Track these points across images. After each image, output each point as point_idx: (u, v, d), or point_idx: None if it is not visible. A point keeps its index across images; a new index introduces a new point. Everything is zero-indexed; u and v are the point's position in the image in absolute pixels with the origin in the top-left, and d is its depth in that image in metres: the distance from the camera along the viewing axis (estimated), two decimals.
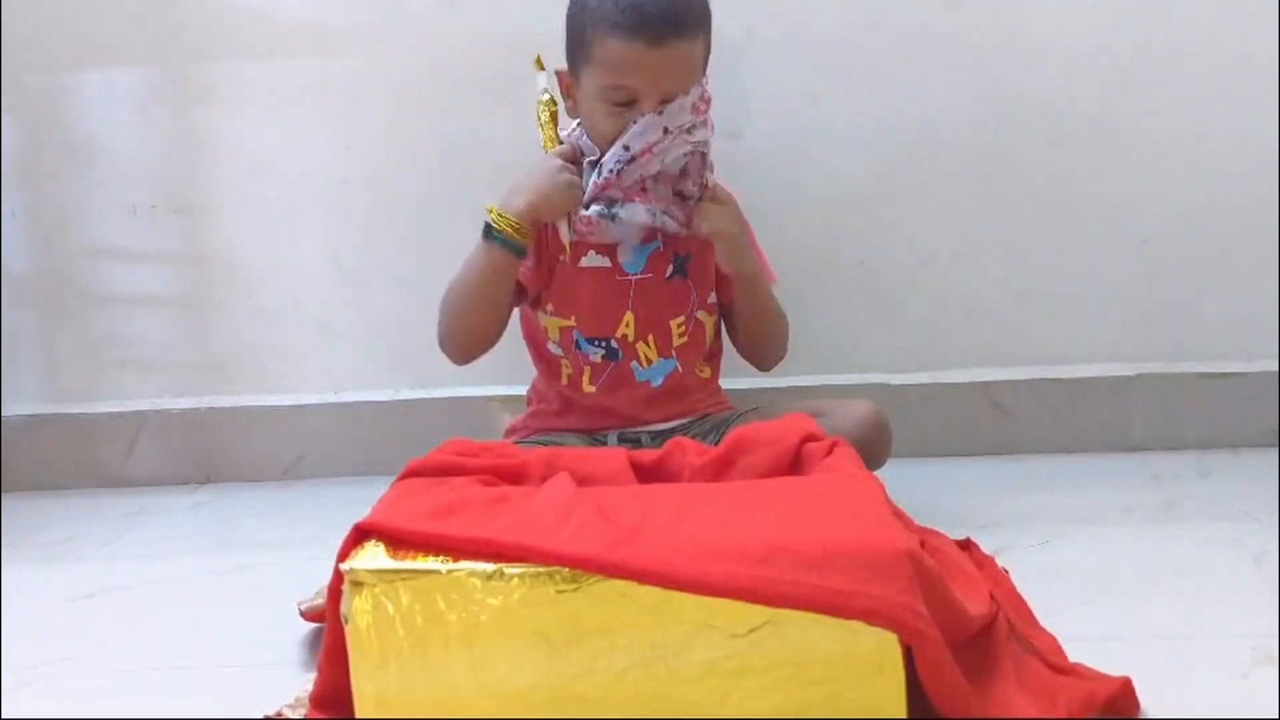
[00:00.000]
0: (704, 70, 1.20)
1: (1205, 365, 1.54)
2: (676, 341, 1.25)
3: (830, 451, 0.98)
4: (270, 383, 1.60)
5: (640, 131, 1.13)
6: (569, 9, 1.19)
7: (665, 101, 1.14)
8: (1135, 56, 1.49)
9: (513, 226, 1.15)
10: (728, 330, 1.32)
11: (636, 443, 1.24)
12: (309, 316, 1.59)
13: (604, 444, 1.25)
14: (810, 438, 1.00)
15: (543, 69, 1.23)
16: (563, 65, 1.21)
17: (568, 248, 1.17)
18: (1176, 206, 1.52)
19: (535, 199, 1.15)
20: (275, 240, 1.57)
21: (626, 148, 1.14)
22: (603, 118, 1.16)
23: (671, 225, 1.18)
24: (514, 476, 0.94)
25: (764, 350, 1.30)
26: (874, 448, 1.16)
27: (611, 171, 1.15)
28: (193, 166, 1.56)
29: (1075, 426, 1.55)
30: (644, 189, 1.17)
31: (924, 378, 1.56)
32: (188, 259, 1.59)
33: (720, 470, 0.98)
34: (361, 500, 1.42)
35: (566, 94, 1.23)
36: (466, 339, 1.25)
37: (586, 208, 1.17)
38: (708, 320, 1.26)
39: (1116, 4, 1.48)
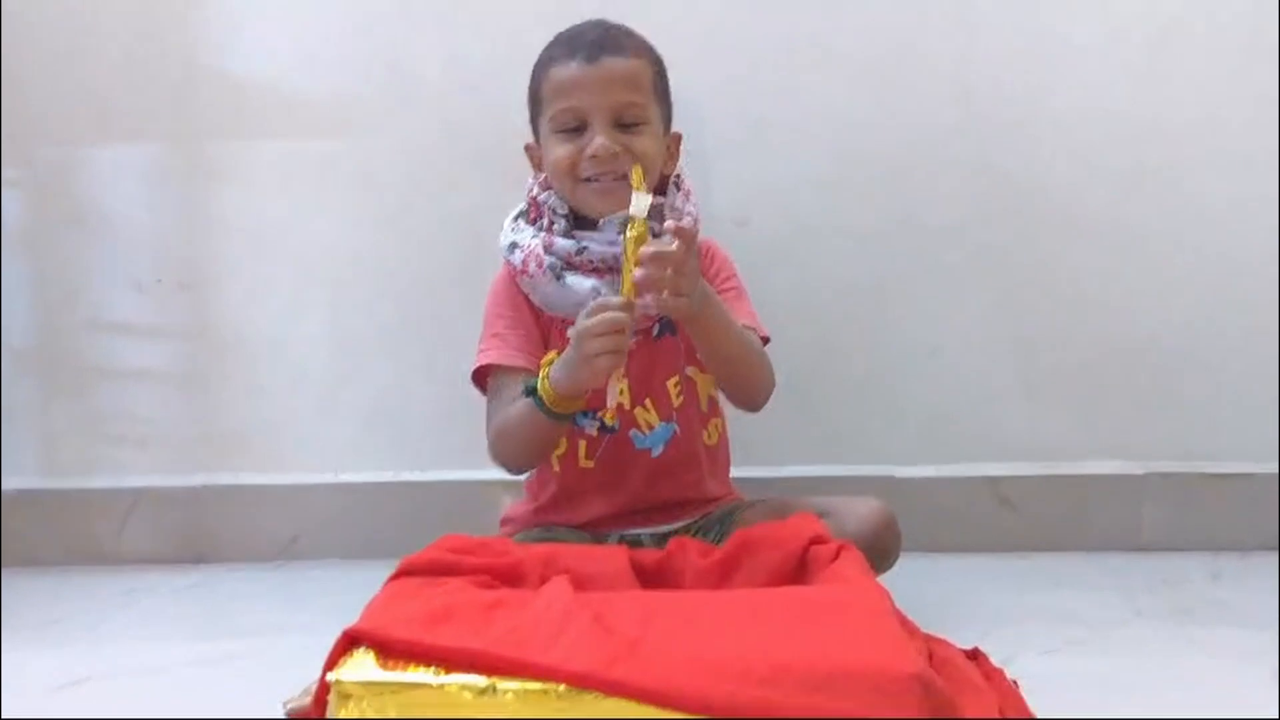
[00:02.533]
0: (665, 127, 1.21)
1: (1216, 465, 1.52)
2: (675, 402, 1.22)
3: (837, 556, 0.96)
4: (268, 461, 1.58)
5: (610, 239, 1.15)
6: (529, 83, 1.22)
7: (617, 119, 1.15)
8: (1146, 154, 1.49)
9: (553, 399, 1.10)
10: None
11: (637, 543, 1.21)
12: (311, 394, 1.57)
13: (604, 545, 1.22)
14: (817, 540, 0.97)
15: (641, 187, 1.08)
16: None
17: (611, 412, 1.07)
18: (1187, 304, 1.51)
19: (576, 375, 1.07)
20: (280, 316, 1.57)
21: (617, 258, 1.13)
22: (556, 145, 1.17)
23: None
24: (511, 577, 0.92)
25: (742, 390, 1.20)
26: (882, 548, 1.13)
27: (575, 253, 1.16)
28: (200, 241, 1.56)
29: (1083, 525, 1.52)
30: (596, 269, 1.17)
31: (930, 471, 1.54)
32: (191, 334, 1.58)
33: (725, 573, 0.96)
34: (357, 585, 1.40)
35: (537, 167, 1.24)
36: (521, 466, 1.24)
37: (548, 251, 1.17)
38: (699, 377, 1.23)
39: (1127, 102, 1.48)
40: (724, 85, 1.49)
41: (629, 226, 1.05)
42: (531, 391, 1.11)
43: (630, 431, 1.21)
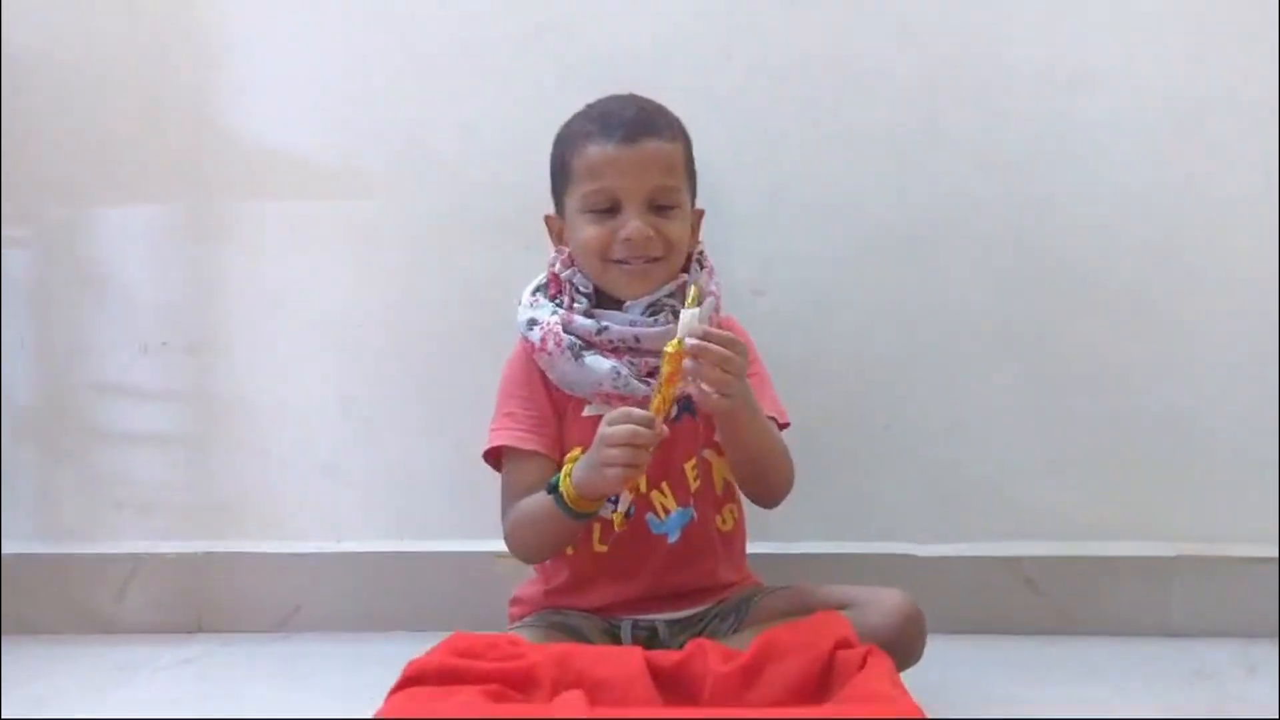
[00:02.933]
0: (691, 201, 1.19)
1: (1248, 549, 1.47)
2: (692, 486, 1.19)
3: (864, 663, 0.91)
4: (271, 528, 1.54)
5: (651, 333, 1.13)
6: (551, 152, 1.20)
7: (651, 202, 1.12)
8: (1172, 231, 1.46)
9: (573, 498, 1.07)
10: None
11: (652, 632, 1.18)
12: (315, 460, 1.54)
13: (617, 631, 1.18)
14: (843, 644, 0.93)
15: (699, 303, 1.06)
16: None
17: (619, 517, 1.08)
18: (1216, 381, 1.47)
19: (592, 479, 1.06)
20: (285, 381, 1.53)
21: (638, 339, 1.12)
22: (586, 225, 1.14)
23: (640, 390, 1.13)
24: (523, 684, 0.88)
25: (758, 483, 1.18)
26: (907, 645, 1.09)
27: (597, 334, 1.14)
28: (207, 304, 1.54)
29: (1110, 608, 1.48)
30: (616, 350, 1.15)
31: (950, 550, 1.50)
32: (195, 398, 1.55)
33: (747, 680, 0.92)
34: (358, 660, 1.37)
35: (557, 238, 1.21)
36: (538, 559, 1.22)
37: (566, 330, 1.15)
38: (715, 459, 1.20)
39: (1153, 179, 1.46)
40: (744, 154, 1.47)
41: (669, 343, 1.03)
42: (553, 489, 1.09)
43: (646, 516, 1.18)
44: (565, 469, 1.09)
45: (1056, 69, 1.45)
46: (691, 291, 1.07)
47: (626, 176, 1.13)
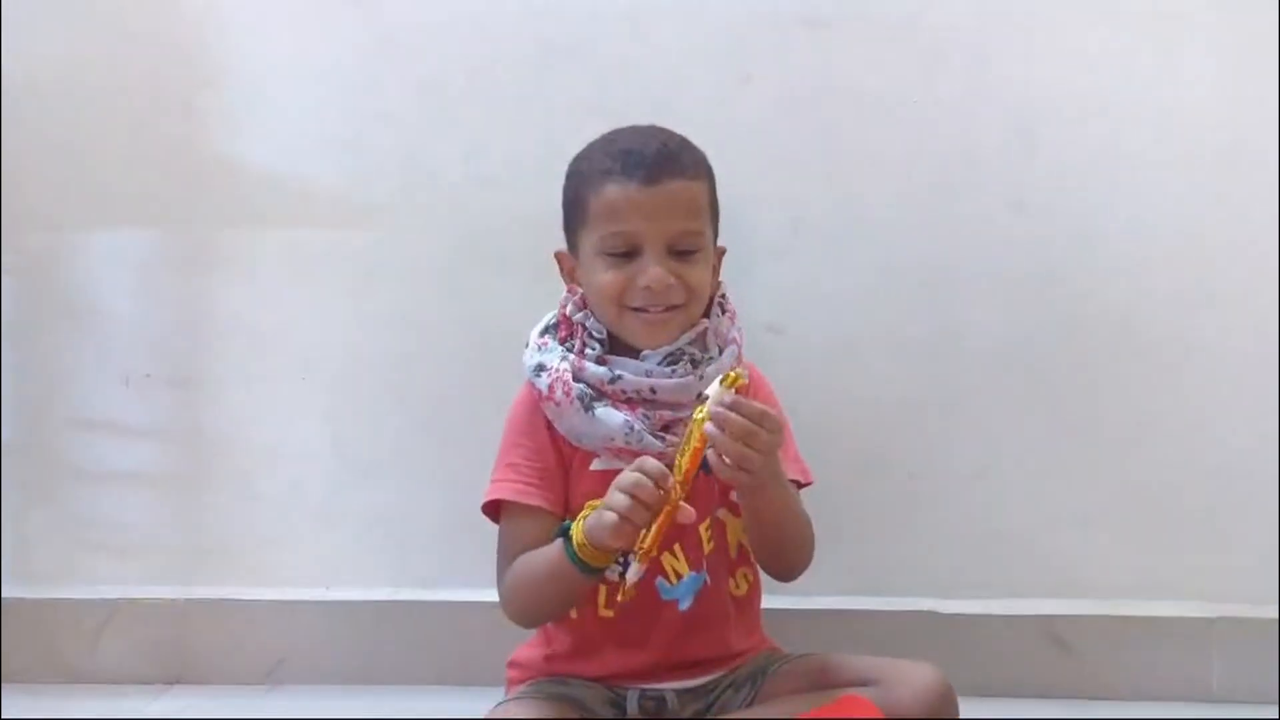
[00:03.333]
0: (713, 240, 1.12)
1: None
2: (705, 548, 1.11)
3: None
4: (257, 574, 1.46)
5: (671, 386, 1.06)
6: (564, 183, 1.13)
7: (672, 247, 1.05)
8: (1213, 275, 1.39)
9: (581, 544, 0.99)
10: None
11: (660, 702, 1.09)
12: (305, 504, 1.46)
13: (623, 702, 1.10)
14: None
15: (738, 385, 0.98)
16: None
17: (630, 588, 0.99)
18: (1260, 432, 1.39)
19: (595, 524, 0.98)
20: (276, 420, 1.46)
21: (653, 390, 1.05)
22: (603, 270, 1.07)
23: (654, 445, 1.05)
24: None
25: (778, 561, 1.12)
26: None
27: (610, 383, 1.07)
28: (194, 336, 1.46)
29: (1145, 671, 1.39)
30: (630, 401, 1.07)
31: (977, 606, 1.42)
32: (180, 435, 1.47)
33: None
34: (348, 716, 1.28)
35: (569, 277, 1.14)
36: (535, 621, 1.13)
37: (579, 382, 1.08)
38: (730, 520, 1.12)
39: (1193, 221, 1.38)
40: (762, 184, 1.40)
41: (697, 408, 0.96)
42: (563, 533, 1.01)
43: (656, 580, 1.09)
44: (583, 512, 1.01)
45: (1093, 101, 1.38)
46: (729, 376, 0.98)
47: (648, 220, 1.05)
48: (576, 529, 1.00)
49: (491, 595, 1.39)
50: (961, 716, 1.05)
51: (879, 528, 1.43)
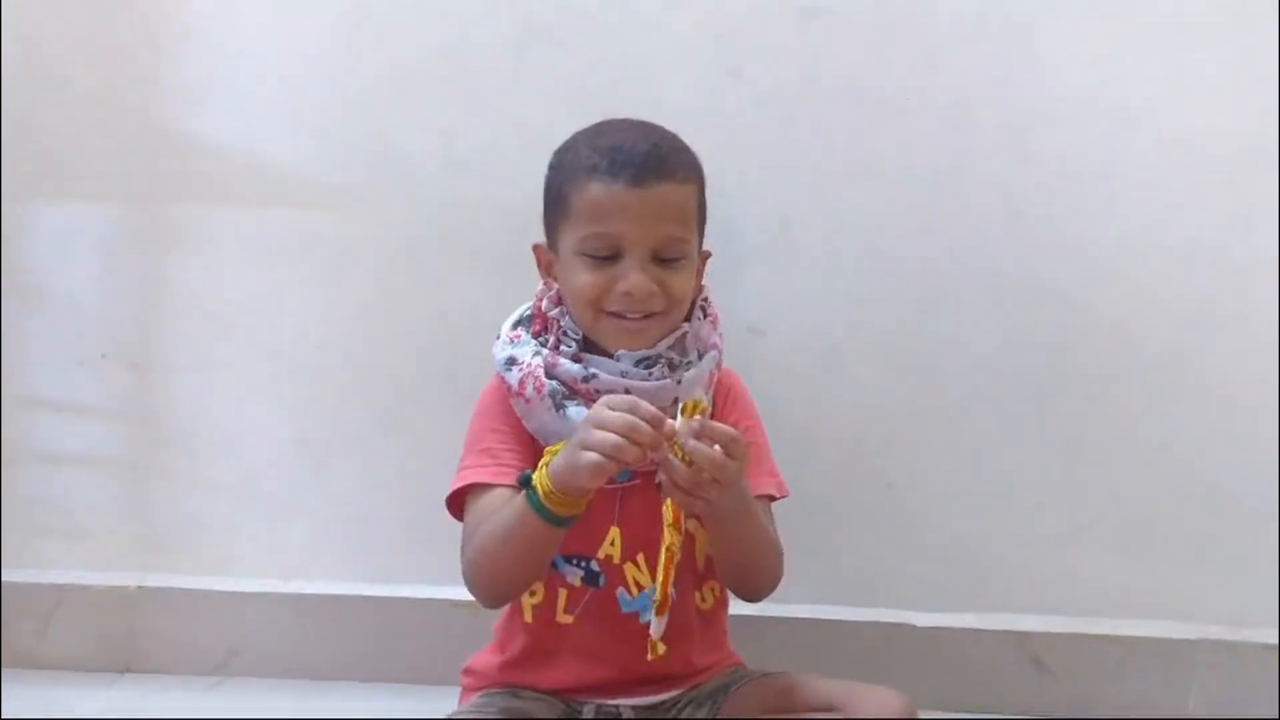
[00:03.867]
0: (699, 248, 1.07)
1: (1271, 635, 1.36)
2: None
3: None
4: (211, 564, 1.42)
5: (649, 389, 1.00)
6: (546, 174, 1.07)
7: (656, 254, 1.00)
8: (1211, 289, 1.35)
9: (548, 491, 0.92)
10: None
11: (616, 718, 1.05)
12: (263, 494, 1.42)
13: (578, 716, 1.06)
14: None
15: (687, 413, 0.92)
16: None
17: (654, 641, 0.94)
18: (1249, 455, 1.36)
19: (568, 463, 0.91)
20: (236, 407, 1.41)
21: (628, 392, 0.99)
22: (582, 270, 1.01)
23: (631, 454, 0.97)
24: None
25: (743, 583, 1.07)
26: None
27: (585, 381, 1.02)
28: (152, 318, 1.41)
29: (1122, 693, 1.37)
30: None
31: (953, 620, 1.39)
32: (136, 419, 1.42)
33: None
34: (299, 711, 1.25)
35: (545, 270, 1.09)
36: (500, 589, 1.04)
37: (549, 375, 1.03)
38: (697, 531, 1.07)
39: (1192, 232, 1.34)
40: (749, 182, 1.35)
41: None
42: (526, 481, 0.94)
43: (617, 590, 1.05)
44: (544, 459, 0.94)
45: (1095, 106, 1.33)
46: (687, 405, 0.92)
47: (632, 224, 1.00)
48: (540, 476, 0.92)
49: (450, 592, 1.38)
50: None
51: (854, 537, 1.40)
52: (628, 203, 0.99)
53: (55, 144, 1.38)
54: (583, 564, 1.05)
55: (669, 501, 0.92)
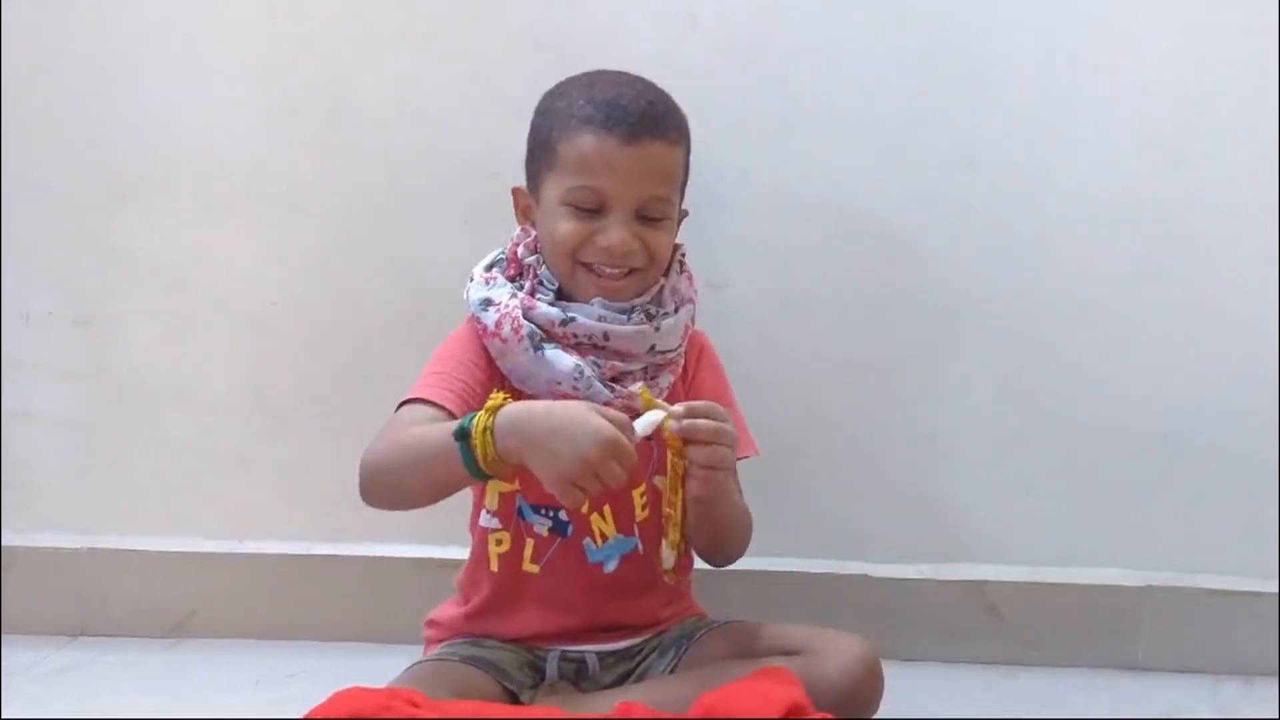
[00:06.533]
0: (679, 207, 1.07)
1: (1219, 581, 1.39)
2: (639, 515, 1.07)
3: None
4: (166, 524, 1.39)
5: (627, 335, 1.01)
6: (534, 117, 1.06)
7: (640, 211, 1.01)
8: (1162, 240, 1.35)
9: (492, 460, 0.88)
10: None
11: (581, 665, 1.05)
12: (219, 452, 1.39)
13: (542, 664, 1.06)
14: (794, 710, 0.81)
15: (652, 405, 0.94)
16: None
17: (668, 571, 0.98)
18: (1192, 403, 1.38)
19: (541, 460, 0.87)
20: (189, 362, 1.38)
21: (606, 337, 1.00)
22: (564, 219, 1.01)
23: (602, 394, 0.99)
24: None
25: (719, 552, 1.09)
26: (865, 698, 0.98)
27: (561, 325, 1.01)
28: (100, 271, 1.37)
29: (1075, 639, 1.39)
30: (580, 345, 1.02)
31: (911, 571, 1.40)
32: (85, 375, 1.39)
33: None
34: (258, 671, 1.23)
35: (523, 215, 1.08)
36: (392, 502, 1.01)
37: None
38: (665, 485, 1.07)
39: (1144, 184, 1.34)
40: (708, 133, 1.30)
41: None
42: (463, 435, 0.89)
43: (584, 540, 1.05)
44: (485, 414, 0.88)
45: (1051, 57, 1.33)
46: (644, 394, 0.94)
47: (621, 181, 1.00)
48: (484, 440, 0.88)
49: (412, 551, 1.38)
50: (889, 684, 1.03)
51: (813, 489, 1.40)
52: (619, 159, 0.99)
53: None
54: (550, 514, 1.05)
55: (671, 467, 0.94)
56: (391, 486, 0.97)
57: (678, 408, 0.92)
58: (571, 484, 0.85)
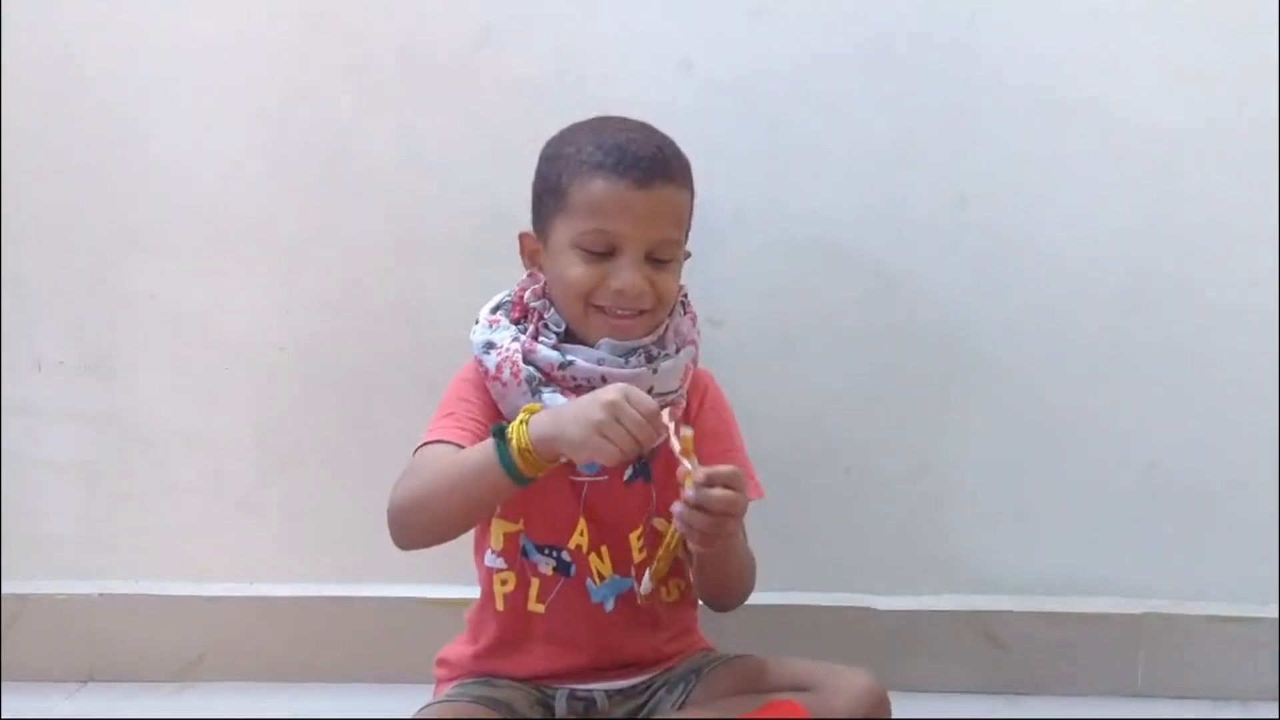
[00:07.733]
0: (684, 245, 1.10)
1: (1217, 607, 1.41)
2: (636, 557, 1.08)
3: None
4: (174, 568, 1.41)
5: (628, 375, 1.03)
6: (539, 164, 1.09)
7: (650, 254, 1.03)
8: (1149, 272, 1.38)
9: (526, 451, 0.93)
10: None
11: (590, 703, 1.07)
12: (226, 495, 1.41)
13: (551, 702, 1.07)
14: None
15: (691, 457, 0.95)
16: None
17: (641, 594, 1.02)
18: (1189, 430, 1.40)
19: (567, 435, 0.91)
20: (197, 407, 1.40)
21: (604, 380, 1.01)
22: (575, 263, 1.03)
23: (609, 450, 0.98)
24: None
25: (722, 599, 1.11)
26: None
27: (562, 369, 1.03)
28: (110, 318, 1.39)
29: (1074, 667, 1.41)
30: (579, 388, 1.03)
31: (911, 603, 1.42)
32: (95, 422, 1.40)
33: None
34: (265, 713, 1.24)
35: (529, 259, 1.10)
36: (429, 534, 1.03)
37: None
38: (666, 529, 1.08)
39: (1130, 218, 1.37)
40: (703, 173, 1.34)
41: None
42: (500, 432, 0.93)
43: (585, 580, 1.07)
44: (521, 417, 0.94)
45: (1036, 97, 1.36)
46: (687, 439, 0.94)
47: (632, 224, 1.02)
48: (519, 433, 0.92)
49: (420, 590, 1.39)
50: (895, 711, 1.04)
51: (814, 523, 1.41)
52: (630, 202, 1.01)
53: (7, 141, 1.36)
54: (554, 554, 1.07)
55: (672, 531, 0.96)
56: (431, 515, 1.00)
57: (700, 473, 0.91)
58: (598, 435, 0.89)
